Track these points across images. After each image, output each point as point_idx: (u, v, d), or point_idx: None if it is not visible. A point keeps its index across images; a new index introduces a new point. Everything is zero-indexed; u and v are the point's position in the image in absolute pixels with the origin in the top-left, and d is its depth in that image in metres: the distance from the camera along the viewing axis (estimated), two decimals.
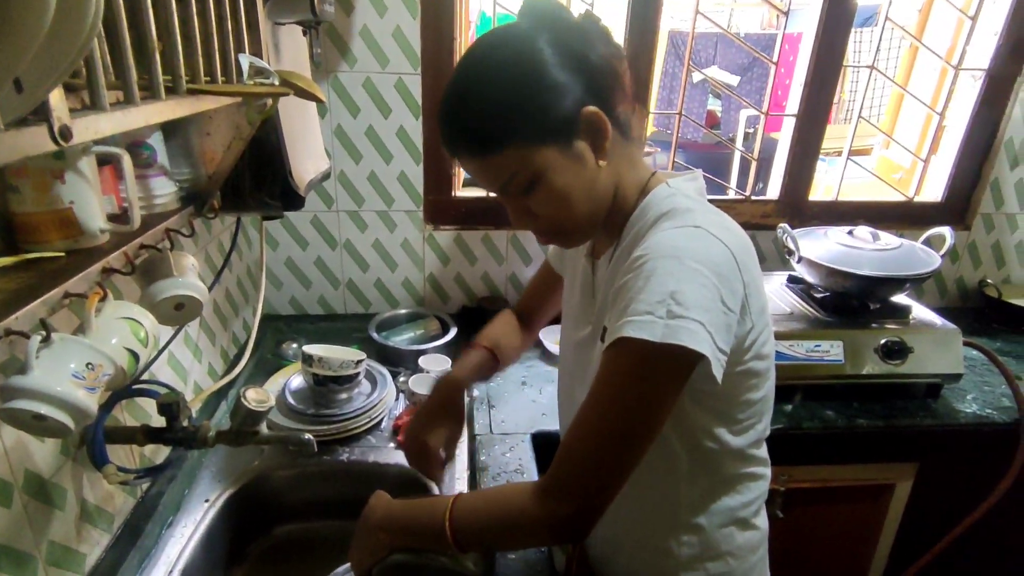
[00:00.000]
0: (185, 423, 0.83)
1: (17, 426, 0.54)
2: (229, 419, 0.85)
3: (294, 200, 1.05)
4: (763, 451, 0.82)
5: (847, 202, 1.72)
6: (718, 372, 0.63)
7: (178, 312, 0.78)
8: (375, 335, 1.51)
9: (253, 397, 0.80)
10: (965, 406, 1.33)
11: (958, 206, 1.74)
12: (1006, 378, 1.34)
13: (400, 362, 1.46)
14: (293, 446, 0.82)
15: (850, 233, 1.41)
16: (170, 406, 0.80)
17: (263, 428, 0.84)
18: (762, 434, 0.80)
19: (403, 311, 1.65)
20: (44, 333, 0.53)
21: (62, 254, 0.66)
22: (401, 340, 1.52)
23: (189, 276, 0.78)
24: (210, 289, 0.82)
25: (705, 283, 0.63)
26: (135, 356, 0.64)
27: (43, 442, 0.76)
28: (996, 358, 1.36)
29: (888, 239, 1.39)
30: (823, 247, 1.39)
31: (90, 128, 0.48)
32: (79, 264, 0.66)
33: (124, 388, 0.85)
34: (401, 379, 1.39)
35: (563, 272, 0.97)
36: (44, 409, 0.52)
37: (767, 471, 0.84)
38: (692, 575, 0.81)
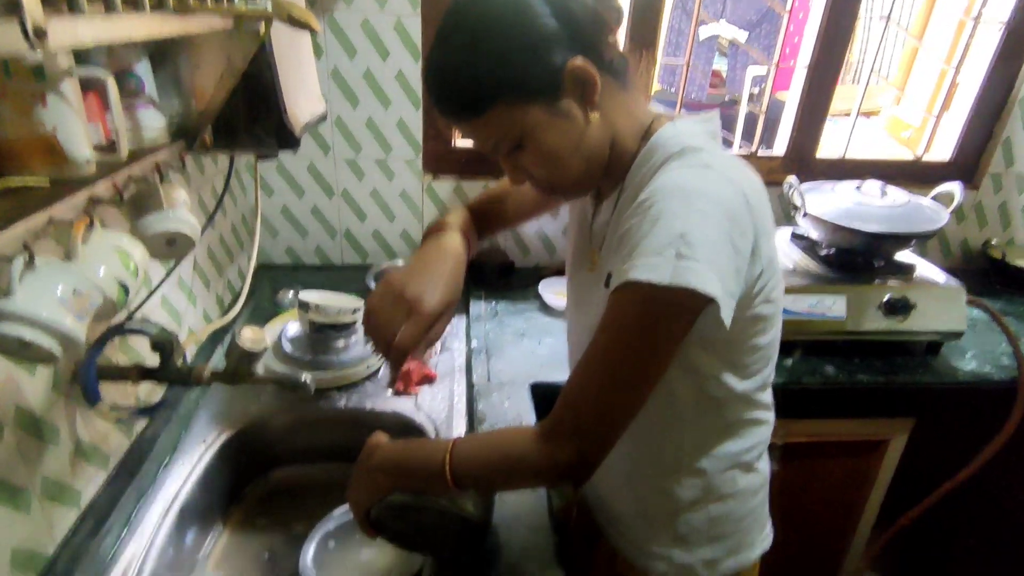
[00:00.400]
0: (179, 363, 0.82)
1: (2, 353, 0.52)
2: (224, 360, 0.83)
3: (289, 139, 1.01)
4: (768, 396, 0.82)
5: (855, 160, 1.68)
6: (727, 316, 0.62)
7: (169, 248, 0.76)
8: (372, 285, 1.49)
9: (248, 336, 0.79)
10: (964, 364, 1.33)
11: (967, 165, 1.71)
12: (1007, 336, 1.33)
13: None
14: (290, 387, 0.81)
15: (858, 188, 1.38)
16: (163, 344, 0.79)
17: (259, 369, 0.83)
18: (767, 379, 0.79)
19: (400, 262, 1.62)
20: (27, 255, 0.51)
21: (45, 183, 0.64)
22: None
23: (180, 210, 0.75)
24: (203, 231, 0.80)
25: (715, 224, 0.61)
26: (124, 288, 0.62)
27: (33, 377, 0.75)
28: (998, 315, 1.35)
29: (896, 195, 1.36)
30: (830, 202, 1.36)
31: (67, 32, 0.45)
32: (63, 193, 0.63)
33: (116, 326, 0.83)
34: None
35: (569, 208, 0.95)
36: (29, 334, 0.50)
37: (771, 416, 0.83)
38: (694, 516, 0.82)
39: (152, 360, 0.86)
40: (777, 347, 0.79)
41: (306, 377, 0.83)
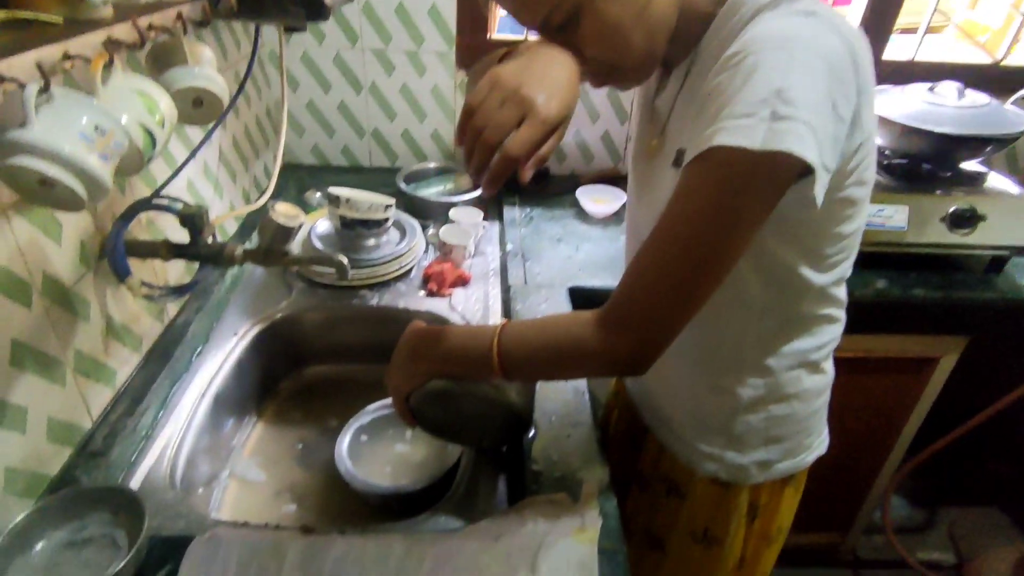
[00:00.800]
0: (210, 240, 0.77)
1: (21, 192, 0.48)
2: (257, 238, 0.79)
3: (319, 8, 0.92)
4: (843, 292, 0.75)
5: (926, 62, 1.54)
6: (820, 192, 0.54)
7: (196, 110, 0.70)
8: (403, 186, 1.42)
9: (283, 211, 0.74)
10: None
11: None
12: None
13: (429, 215, 1.39)
14: (327, 267, 0.77)
15: (931, 90, 1.26)
16: (192, 218, 0.74)
17: (293, 249, 0.78)
18: (845, 273, 0.72)
19: (432, 165, 1.55)
20: (43, 82, 0.45)
21: (59, 20, 0.57)
22: (430, 193, 1.44)
23: (206, 67, 0.68)
24: (227, 109, 0.74)
25: (818, 80, 0.52)
26: (151, 135, 0.56)
27: (61, 247, 0.71)
28: None
29: (975, 97, 1.24)
30: (899, 105, 1.25)
31: None
32: (79, 31, 0.57)
33: (143, 200, 0.79)
34: (431, 231, 1.33)
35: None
36: (52, 170, 0.45)
37: (843, 314, 0.77)
38: (752, 417, 0.77)
39: (182, 240, 0.81)
40: (860, 238, 0.71)
41: (342, 258, 0.78)
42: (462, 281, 1.21)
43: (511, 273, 1.21)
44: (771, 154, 0.51)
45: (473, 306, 1.15)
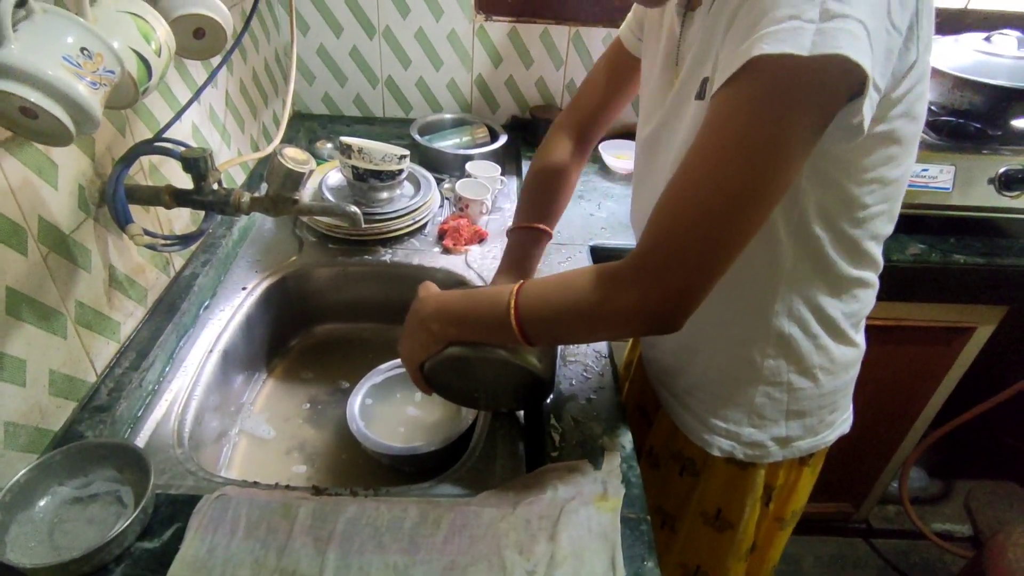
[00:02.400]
0: (215, 186, 0.73)
1: (2, 123, 0.43)
2: (266, 185, 0.74)
3: None
4: (880, 252, 0.68)
5: (982, 10, 1.43)
6: (868, 114, 0.48)
7: (197, 42, 0.64)
8: (418, 137, 1.36)
9: (291, 156, 0.69)
10: None
11: None
12: None
13: (445, 168, 1.33)
14: (338, 217, 0.72)
15: (988, 39, 1.17)
16: (196, 161, 0.69)
17: (303, 196, 0.74)
18: (885, 230, 0.66)
19: (448, 116, 1.48)
20: None
21: None
22: (446, 145, 1.38)
23: None
24: (232, 49, 0.68)
25: None
26: (145, 63, 0.51)
27: (57, 191, 0.67)
28: None
29: None
30: (952, 55, 1.16)
31: None
32: None
33: (144, 142, 0.74)
34: (446, 185, 1.27)
35: (641, 51, 0.77)
36: (32, 96, 0.40)
37: (877, 279, 0.71)
38: (773, 389, 0.72)
39: (185, 185, 0.77)
40: (904, 190, 0.64)
41: (354, 208, 0.73)
42: (479, 237, 1.16)
43: None
44: (823, 59, 0.43)
45: (490, 264, 1.10)
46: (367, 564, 0.60)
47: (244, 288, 1.02)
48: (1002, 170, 1.13)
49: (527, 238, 0.84)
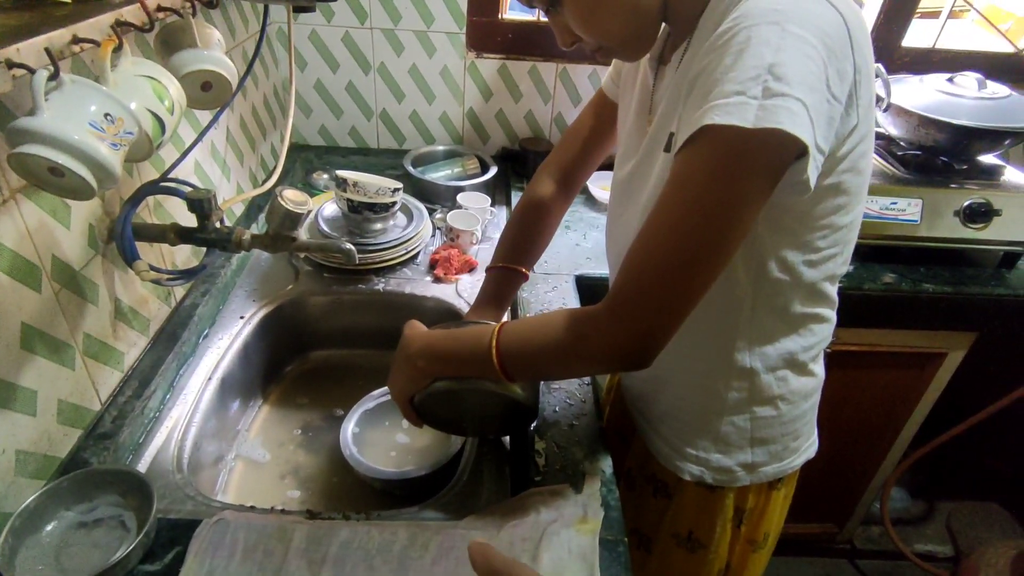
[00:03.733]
0: (218, 224, 0.77)
1: (31, 180, 0.47)
2: (265, 225, 0.78)
3: None
4: (835, 291, 0.73)
5: (946, 50, 1.51)
6: (813, 174, 0.53)
7: (205, 94, 0.69)
8: (411, 169, 1.41)
9: (291, 197, 0.73)
10: None
11: None
12: None
13: (437, 199, 1.38)
14: (334, 253, 0.77)
15: (951, 80, 1.24)
16: (201, 202, 0.74)
17: (301, 234, 0.78)
18: (838, 270, 0.70)
19: (440, 147, 1.54)
20: (52, 69, 0.45)
21: (68, 1, 0.56)
22: (438, 177, 1.43)
23: (215, 51, 0.67)
24: (235, 91, 0.73)
25: (811, 55, 0.50)
26: (160, 122, 0.56)
27: (69, 231, 0.71)
28: None
29: (996, 88, 1.22)
30: (917, 95, 1.23)
31: None
32: (88, 13, 0.56)
33: (151, 183, 0.78)
34: (438, 215, 1.32)
35: (619, 97, 0.83)
36: (61, 159, 0.44)
37: (834, 314, 0.76)
38: (738, 418, 0.76)
39: (189, 223, 0.81)
40: (856, 234, 0.69)
41: (349, 245, 0.78)
42: (469, 267, 1.20)
43: None
44: (764, 132, 0.49)
45: None
46: None
47: (242, 317, 1.06)
48: (966, 203, 1.19)
49: (503, 278, 0.88)
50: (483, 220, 1.27)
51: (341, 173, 1.15)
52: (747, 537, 0.85)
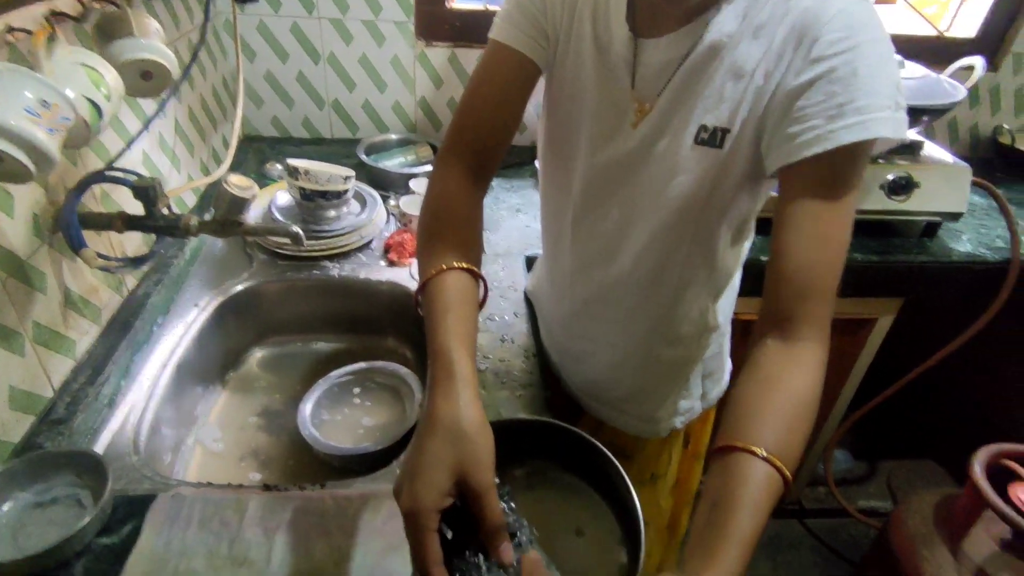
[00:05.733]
0: (165, 211, 0.79)
1: None
2: (213, 210, 0.80)
3: None
4: None
5: None
6: None
7: (145, 83, 0.71)
8: (364, 157, 1.43)
9: (236, 183, 0.76)
10: (959, 245, 1.33)
11: (991, 44, 1.62)
12: (1006, 216, 1.32)
13: (391, 186, 1.41)
14: (282, 237, 0.79)
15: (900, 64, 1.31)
16: (147, 190, 0.75)
17: (248, 219, 0.80)
18: None
19: (393, 136, 1.56)
20: None
21: None
22: (392, 164, 1.45)
23: (153, 40, 0.69)
24: (180, 81, 0.75)
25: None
26: (97, 108, 0.58)
27: (13, 219, 0.72)
28: (999, 194, 1.33)
29: (914, 69, 1.30)
30: None
31: None
32: (23, 1, 0.57)
33: (96, 172, 0.79)
34: (392, 202, 1.35)
35: (546, 63, 0.71)
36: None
37: None
38: (699, 367, 0.86)
39: (137, 211, 0.82)
40: None
41: (296, 228, 0.80)
42: None
43: None
44: (884, 141, 0.56)
45: None
46: (312, 547, 0.67)
47: (196, 305, 1.07)
48: (890, 177, 1.27)
49: (469, 284, 0.64)
50: None
51: (292, 162, 1.16)
52: (693, 452, 0.94)
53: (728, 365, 0.92)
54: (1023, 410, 1.78)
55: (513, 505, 0.52)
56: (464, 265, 0.64)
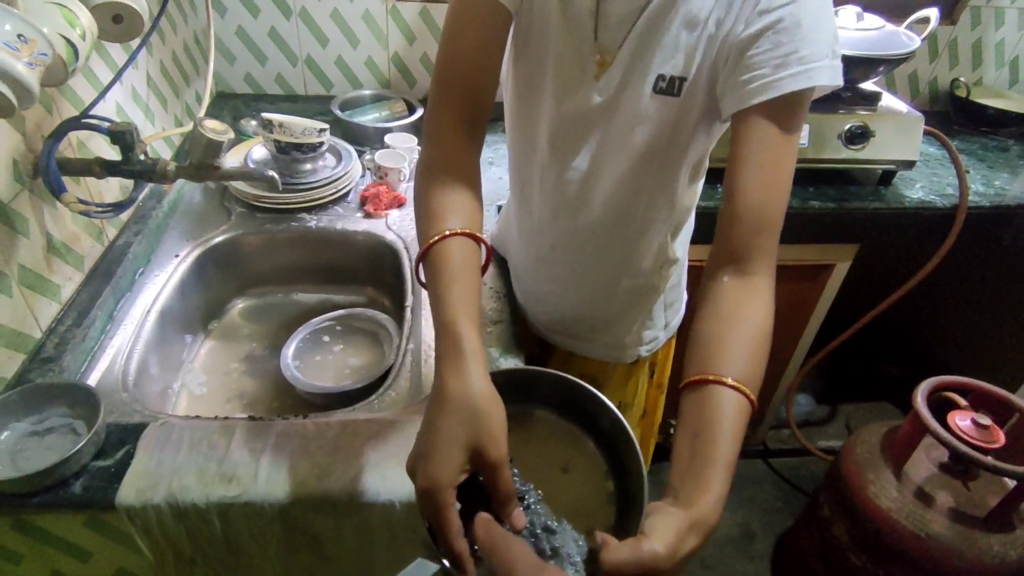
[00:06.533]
0: (142, 156, 0.81)
1: None
2: (189, 155, 0.83)
3: None
4: None
5: None
6: None
7: (116, 26, 0.73)
8: (339, 113, 1.45)
9: (211, 126, 0.78)
10: (912, 192, 1.39)
11: None
12: (954, 163, 1.38)
13: (365, 141, 1.43)
14: (257, 182, 0.82)
15: (836, 14, 1.35)
16: (123, 134, 0.78)
17: (224, 163, 0.83)
18: None
19: (367, 92, 1.57)
20: None
21: None
22: (366, 120, 1.47)
23: None
24: (150, 32, 0.76)
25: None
26: (72, 46, 0.60)
27: None
28: (948, 143, 1.39)
29: (872, 21, 1.34)
30: None
31: None
32: None
33: (72, 119, 0.81)
34: (367, 156, 1.37)
35: (515, 8, 0.70)
36: None
37: None
38: (657, 301, 0.91)
39: (114, 158, 0.85)
40: None
41: (272, 172, 0.83)
42: (398, 203, 1.27)
43: None
44: (823, 88, 0.61)
45: (408, 225, 1.21)
46: (295, 465, 0.72)
47: (177, 256, 1.10)
48: (847, 127, 1.32)
49: (473, 252, 0.64)
50: (410, 158, 1.33)
51: (267, 115, 1.18)
52: (657, 383, 1.01)
53: (685, 296, 0.98)
54: (969, 346, 1.89)
55: (516, 470, 0.53)
56: (467, 230, 0.62)
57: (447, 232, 0.61)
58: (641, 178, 0.76)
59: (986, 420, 1.13)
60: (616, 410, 0.57)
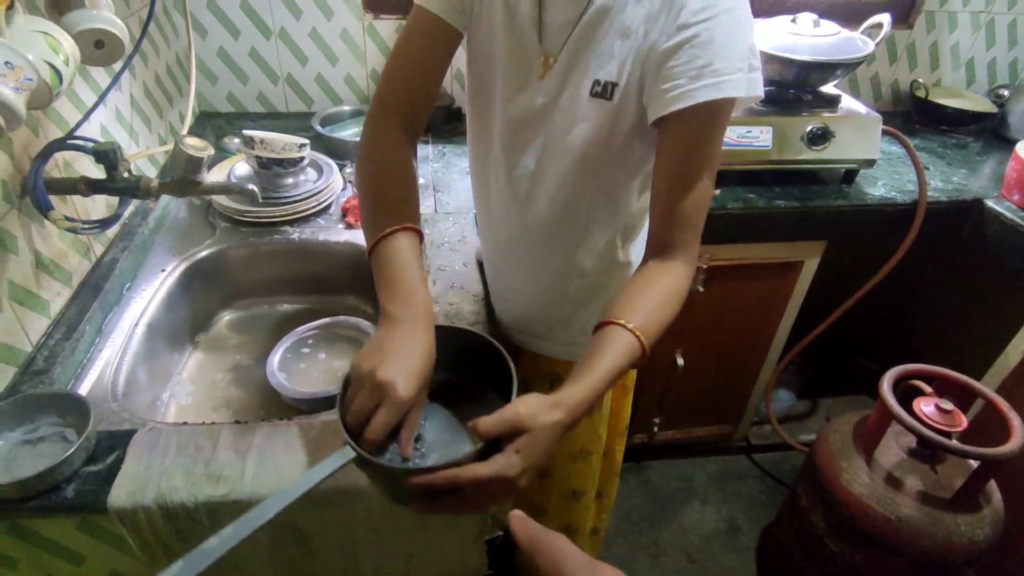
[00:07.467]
0: (126, 174, 0.85)
1: None
2: (171, 171, 0.87)
3: None
4: None
5: None
6: None
7: (98, 52, 0.76)
8: (319, 128, 1.49)
9: (191, 143, 0.82)
10: (875, 190, 1.45)
11: (905, 3, 1.74)
12: (912, 160, 1.44)
13: (346, 155, 1.47)
14: (238, 195, 0.86)
15: (793, 21, 1.41)
16: (107, 153, 0.81)
17: (205, 178, 0.87)
18: None
19: (347, 107, 1.62)
20: None
21: None
22: (346, 134, 1.51)
23: (104, 11, 0.75)
24: (132, 55, 0.79)
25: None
26: (56, 72, 0.64)
27: None
28: (906, 141, 1.45)
29: (829, 27, 1.40)
30: (765, 35, 1.39)
31: None
32: None
33: (58, 140, 0.85)
34: (347, 170, 1.41)
35: (465, 25, 0.78)
36: None
37: None
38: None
39: (99, 176, 0.88)
40: None
41: (252, 185, 0.87)
42: None
43: (423, 204, 1.31)
44: (746, 99, 0.66)
45: None
46: (280, 463, 0.75)
47: (163, 270, 1.13)
48: (809, 128, 1.38)
49: (413, 242, 0.73)
50: None
51: (248, 132, 1.22)
52: (622, 385, 1.04)
53: None
54: (938, 336, 1.95)
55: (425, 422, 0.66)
56: (411, 225, 0.73)
57: (397, 227, 0.72)
58: (583, 179, 0.81)
59: (948, 405, 1.18)
60: (489, 338, 0.70)
